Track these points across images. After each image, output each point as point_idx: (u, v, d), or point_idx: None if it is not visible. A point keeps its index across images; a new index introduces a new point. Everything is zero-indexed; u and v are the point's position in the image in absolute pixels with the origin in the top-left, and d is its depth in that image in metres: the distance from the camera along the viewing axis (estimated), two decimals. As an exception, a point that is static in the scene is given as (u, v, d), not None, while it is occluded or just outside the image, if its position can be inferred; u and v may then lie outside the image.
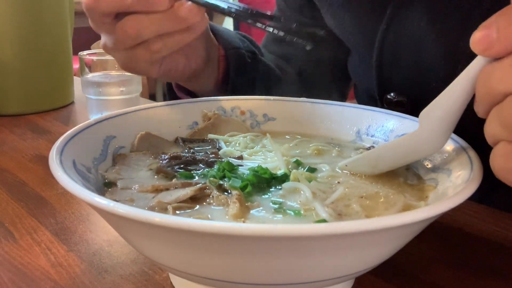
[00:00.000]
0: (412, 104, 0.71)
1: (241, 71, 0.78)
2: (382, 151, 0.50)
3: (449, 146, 0.49)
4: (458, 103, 0.41)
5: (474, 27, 0.36)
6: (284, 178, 0.49)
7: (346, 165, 0.52)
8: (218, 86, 0.80)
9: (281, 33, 0.53)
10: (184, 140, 0.61)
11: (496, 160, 0.36)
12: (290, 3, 0.93)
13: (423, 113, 0.44)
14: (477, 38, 0.35)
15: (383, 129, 0.59)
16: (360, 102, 0.91)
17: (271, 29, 0.54)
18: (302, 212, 0.43)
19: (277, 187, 0.48)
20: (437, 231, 0.54)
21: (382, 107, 0.73)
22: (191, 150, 0.58)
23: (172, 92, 0.83)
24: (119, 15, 0.60)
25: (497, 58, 0.35)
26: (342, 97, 0.95)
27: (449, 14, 0.64)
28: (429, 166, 0.50)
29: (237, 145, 0.60)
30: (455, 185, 0.42)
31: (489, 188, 0.50)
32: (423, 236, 0.40)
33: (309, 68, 0.92)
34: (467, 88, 0.39)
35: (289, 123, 0.65)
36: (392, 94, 0.72)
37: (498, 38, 0.34)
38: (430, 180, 0.49)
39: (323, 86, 0.91)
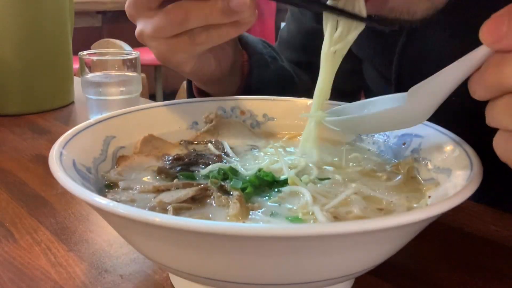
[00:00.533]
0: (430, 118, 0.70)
1: (264, 77, 0.78)
2: (367, 118, 0.52)
3: (449, 146, 0.49)
4: (450, 85, 0.42)
5: None
6: (287, 181, 0.49)
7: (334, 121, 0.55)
8: (240, 91, 0.80)
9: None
10: (188, 143, 0.61)
11: (498, 143, 0.37)
12: (302, 24, 0.92)
13: (413, 89, 0.44)
14: (487, 29, 0.35)
15: (383, 129, 0.59)
16: None
17: None
18: (300, 216, 0.43)
19: (279, 189, 0.48)
20: (437, 231, 0.54)
21: None
22: (195, 153, 0.58)
23: (191, 96, 0.82)
24: (164, 3, 0.57)
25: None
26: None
27: (472, 29, 0.64)
28: (429, 166, 0.50)
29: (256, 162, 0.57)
30: (455, 185, 0.42)
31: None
32: (423, 236, 0.40)
33: None
34: (464, 73, 0.40)
35: (289, 123, 0.65)
36: None
37: (508, 33, 0.34)
38: (430, 180, 0.49)
39: (337, 93, 0.91)
